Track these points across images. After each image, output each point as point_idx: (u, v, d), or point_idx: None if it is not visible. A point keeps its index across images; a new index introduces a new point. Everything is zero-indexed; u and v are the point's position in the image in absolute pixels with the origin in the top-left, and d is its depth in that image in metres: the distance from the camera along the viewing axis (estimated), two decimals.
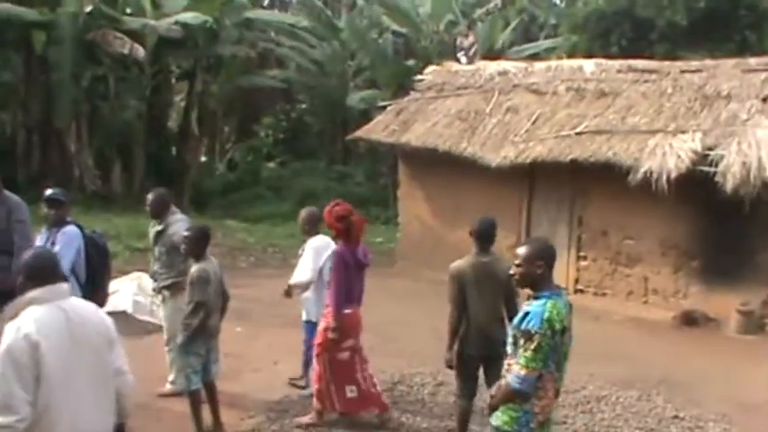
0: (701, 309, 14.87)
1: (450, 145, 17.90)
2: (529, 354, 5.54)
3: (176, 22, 25.51)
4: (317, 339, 9.09)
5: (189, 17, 25.64)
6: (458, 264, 8.24)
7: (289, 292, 9.83)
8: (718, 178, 13.83)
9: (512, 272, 5.96)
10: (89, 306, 4.93)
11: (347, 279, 8.97)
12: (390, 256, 20.55)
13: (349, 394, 9.16)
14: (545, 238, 7.39)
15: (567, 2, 27.68)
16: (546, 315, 5.57)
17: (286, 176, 31.23)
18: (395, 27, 31.21)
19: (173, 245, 9.43)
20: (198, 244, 8.52)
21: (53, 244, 7.93)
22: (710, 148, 14.31)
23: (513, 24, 31.72)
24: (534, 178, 17.31)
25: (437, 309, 15.30)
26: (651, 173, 14.43)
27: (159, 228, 9.67)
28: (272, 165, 34.61)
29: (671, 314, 15.04)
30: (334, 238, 9.27)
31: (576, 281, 16.77)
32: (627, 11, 23.76)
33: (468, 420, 8.48)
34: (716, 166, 13.97)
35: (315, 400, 9.21)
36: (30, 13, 24.83)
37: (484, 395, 7.30)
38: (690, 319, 14.75)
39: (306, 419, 9.17)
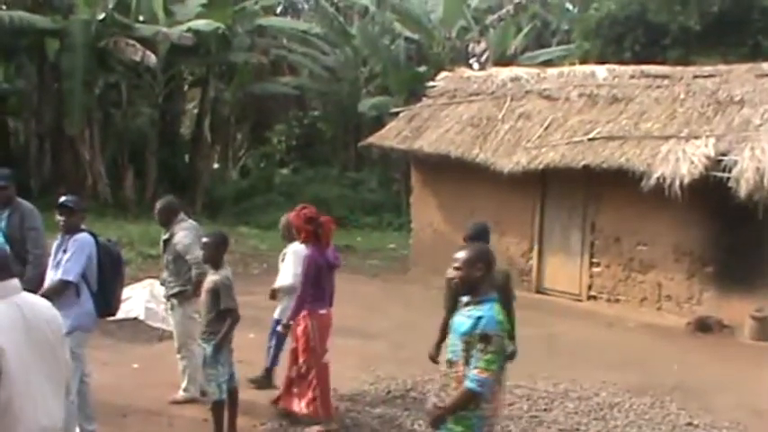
0: (714, 315, 14.81)
1: (463, 151, 17.90)
2: (489, 356, 5.53)
3: (188, 30, 25.55)
4: (301, 345, 9.15)
5: (201, 24, 25.68)
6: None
7: (273, 295, 10.33)
8: (731, 184, 13.80)
9: (451, 276, 5.95)
10: (41, 301, 4.93)
11: (319, 281, 9.10)
12: (403, 263, 20.54)
13: (332, 401, 9.40)
14: (483, 243, 7.34)
15: (579, 7, 27.69)
16: (498, 317, 5.62)
17: (299, 183, 31.22)
18: (407, 33, 31.28)
19: (177, 254, 9.53)
20: (217, 250, 8.52)
21: (65, 251, 7.93)
22: (724, 154, 14.28)
23: (525, 30, 31.70)
24: (547, 184, 17.29)
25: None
26: (664, 178, 14.41)
27: (166, 236, 9.74)
28: (284, 171, 34.66)
29: (685, 320, 14.99)
30: (303, 241, 9.36)
31: (590, 287, 16.74)
32: (639, 16, 23.71)
33: None
34: (729, 171, 13.93)
35: (310, 407, 9.22)
36: (43, 20, 24.92)
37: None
38: (704, 326, 14.69)
39: (316, 429, 9.14)
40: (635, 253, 16.11)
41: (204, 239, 8.61)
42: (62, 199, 8.23)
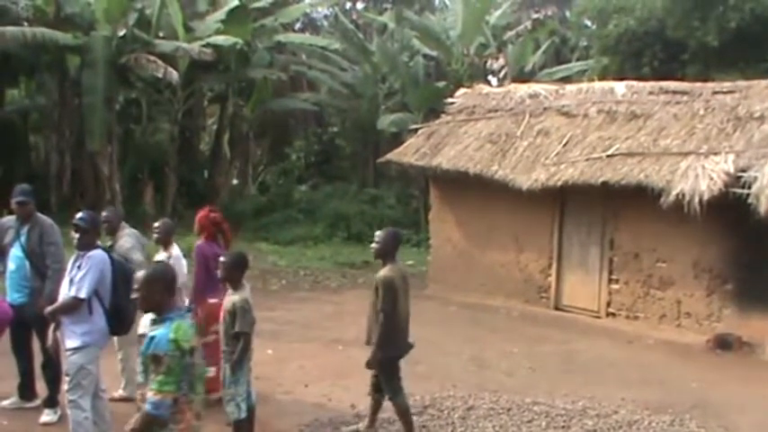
0: (734, 332, 14.72)
1: (482, 168, 17.88)
2: (161, 377, 5.43)
3: (208, 45, 25.68)
4: None
5: (221, 40, 25.83)
6: (388, 273, 8.99)
7: None
8: (751, 200, 13.71)
9: (133, 296, 5.98)
10: None
11: (209, 270, 9.92)
12: (421, 279, 20.51)
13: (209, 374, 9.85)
14: (163, 264, 7.35)
15: (598, 23, 27.65)
16: (172, 336, 5.48)
17: (317, 199, 31.25)
18: (426, 50, 31.36)
19: (121, 257, 9.79)
20: (235, 270, 8.50)
21: (79, 267, 7.99)
22: (743, 170, 14.19)
23: (543, 47, 31.71)
24: (565, 201, 17.26)
25: (469, 332, 15.32)
26: (683, 195, 14.35)
27: (110, 243, 10.02)
28: (303, 187, 34.71)
29: (704, 338, 14.90)
30: (205, 239, 10.31)
31: (608, 304, 16.68)
32: (658, 32, 23.70)
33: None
34: (749, 187, 13.85)
35: None
36: (64, 37, 25.08)
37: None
38: (723, 343, 14.60)
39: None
40: (654, 270, 16.04)
41: (222, 259, 8.63)
42: (76, 217, 8.29)
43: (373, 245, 9.20)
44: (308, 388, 11.11)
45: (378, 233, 9.23)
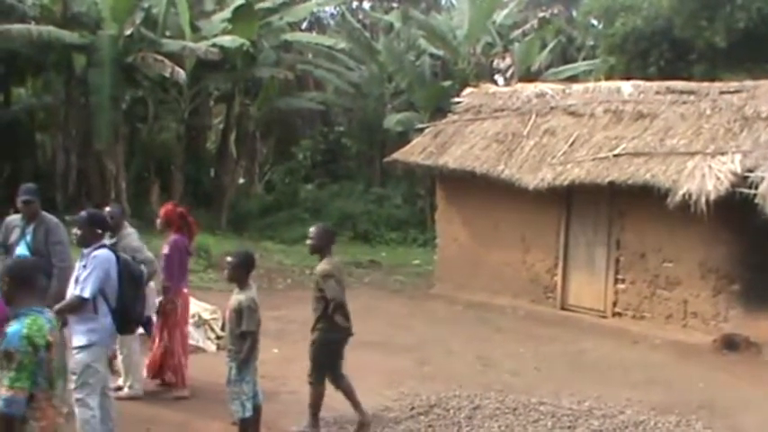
0: (741, 333, 14.69)
1: (488, 167, 17.87)
2: (12, 374, 5.37)
3: (214, 45, 25.66)
4: (170, 321, 10.53)
5: (227, 40, 25.78)
6: (326, 266, 9.37)
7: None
8: (758, 200, 13.69)
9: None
10: None
11: (182, 262, 10.65)
12: (428, 279, 20.53)
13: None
14: (20, 258, 7.23)
15: (604, 23, 27.58)
16: (24, 332, 5.41)
17: (324, 198, 31.24)
18: (432, 50, 31.34)
19: (129, 255, 9.84)
20: (241, 270, 8.51)
21: (85, 267, 8.00)
22: (750, 170, 14.17)
23: (550, 46, 31.66)
24: (572, 201, 17.24)
25: (475, 332, 15.32)
26: (690, 195, 14.32)
27: (113, 240, 9.95)
28: (309, 187, 34.67)
29: (711, 338, 14.87)
30: (174, 232, 10.64)
31: (615, 304, 16.65)
32: (665, 32, 23.66)
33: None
34: (756, 187, 13.83)
35: (172, 374, 10.64)
36: (70, 35, 25.05)
37: None
38: (730, 343, 14.56)
39: (176, 394, 10.48)
40: (660, 270, 16.02)
41: (228, 258, 8.65)
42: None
43: (308, 241, 9.58)
44: None
45: (311, 230, 9.60)
